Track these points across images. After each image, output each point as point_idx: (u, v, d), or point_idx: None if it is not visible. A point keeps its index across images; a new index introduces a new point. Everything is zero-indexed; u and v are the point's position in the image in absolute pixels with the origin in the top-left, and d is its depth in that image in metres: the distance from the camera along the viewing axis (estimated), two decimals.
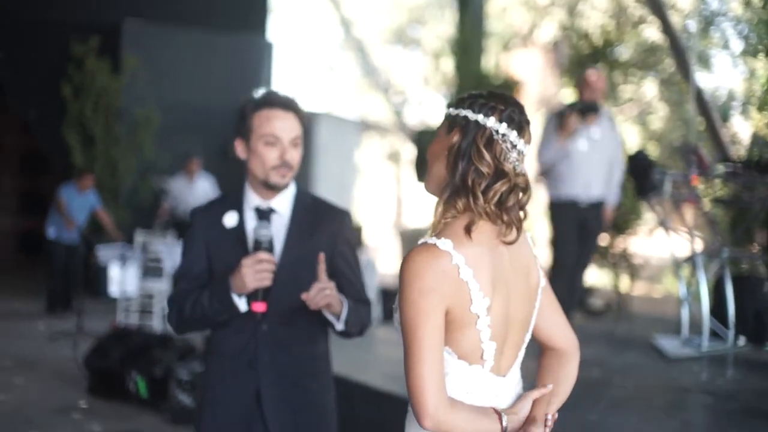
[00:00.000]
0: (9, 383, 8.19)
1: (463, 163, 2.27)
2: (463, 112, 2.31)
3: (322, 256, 3.11)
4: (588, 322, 9.57)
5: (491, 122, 2.28)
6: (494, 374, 2.33)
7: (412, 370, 2.16)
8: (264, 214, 3.31)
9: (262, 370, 3.24)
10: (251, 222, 3.30)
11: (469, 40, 13.18)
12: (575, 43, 11.95)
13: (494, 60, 13.59)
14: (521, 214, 2.33)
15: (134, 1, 14.10)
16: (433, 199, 2.37)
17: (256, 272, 3.09)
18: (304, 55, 28.55)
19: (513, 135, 2.28)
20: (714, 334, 7.57)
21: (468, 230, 2.24)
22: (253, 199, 3.33)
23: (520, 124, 2.30)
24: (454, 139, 2.30)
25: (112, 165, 13.33)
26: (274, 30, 25.74)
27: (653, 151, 13.72)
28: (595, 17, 12.98)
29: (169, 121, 13.41)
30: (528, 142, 2.33)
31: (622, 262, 11.23)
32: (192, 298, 3.23)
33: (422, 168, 9.35)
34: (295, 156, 3.29)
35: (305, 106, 3.41)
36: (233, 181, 3.46)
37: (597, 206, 7.77)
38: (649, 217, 11.34)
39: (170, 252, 9.65)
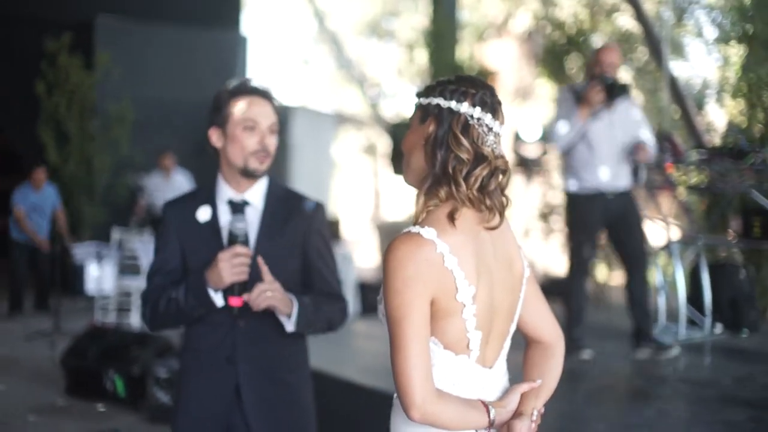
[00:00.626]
0: None
1: (442, 151, 2.25)
2: (435, 100, 2.29)
3: (260, 260, 3.10)
4: (563, 313, 9.54)
5: (465, 107, 2.26)
6: (480, 365, 2.30)
7: (399, 360, 2.15)
8: (238, 207, 3.27)
9: (242, 365, 3.22)
10: (225, 215, 3.27)
11: (442, 31, 13.19)
12: (550, 32, 11.96)
13: (469, 50, 13.58)
14: (503, 198, 2.31)
15: None
16: (412, 191, 2.36)
17: (232, 266, 3.07)
18: (278, 48, 28.43)
19: (488, 118, 2.27)
20: (691, 322, 7.60)
21: (451, 218, 2.22)
22: (226, 192, 3.30)
23: (494, 106, 2.29)
24: (430, 129, 2.28)
25: (87, 162, 13.26)
26: (248, 24, 25.68)
27: None
28: (569, 6, 12.97)
29: (143, 117, 13.34)
30: (502, 123, 2.32)
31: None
32: (167, 295, 3.20)
33: (398, 160, 9.13)
34: (272, 142, 3.27)
35: (280, 98, 3.40)
36: (209, 177, 3.43)
37: (625, 195, 6.88)
38: None
39: (147, 249, 9.60)
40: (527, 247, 12.20)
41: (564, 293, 7.11)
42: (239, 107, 3.22)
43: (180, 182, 12.49)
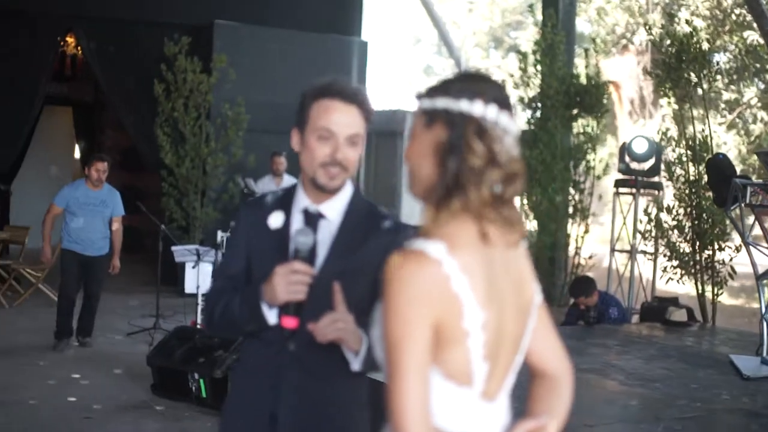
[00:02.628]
0: (80, 378, 8.31)
1: (454, 159, 2.01)
2: (442, 103, 2.05)
3: (337, 287, 2.76)
4: (666, 334, 9.27)
5: (478, 109, 2.02)
6: (483, 399, 2.08)
7: (394, 389, 1.93)
8: (311, 219, 2.95)
9: (284, 393, 2.91)
10: (297, 225, 2.95)
11: (554, 43, 12.96)
12: (673, 47, 11.61)
13: (587, 63, 13.29)
14: (517, 212, 2.09)
15: (226, 1, 14.24)
16: (420, 203, 2.14)
17: (288, 283, 2.76)
18: (399, 56, 28.50)
19: (503, 117, 2.04)
20: None
21: (463, 233, 2.01)
22: (303, 201, 2.96)
23: (507, 103, 2.07)
24: (439, 135, 2.04)
25: (201, 163, 13.47)
26: (369, 30, 25.80)
27: (750, 159, 13.27)
28: (693, 21, 12.59)
29: (258, 121, 13.47)
30: (515, 120, 2.08)
31: (706, 273, 10.83)
32: (224, 300, 2.96)
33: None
34: (349, 155, 2.88)
35: (371, 101, 3.01)
36: None
37: None
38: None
39: None
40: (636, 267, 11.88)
41: None
42: (318, 112, 2.89)
43: None
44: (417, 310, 1.93)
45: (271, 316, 2.85)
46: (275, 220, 2.97)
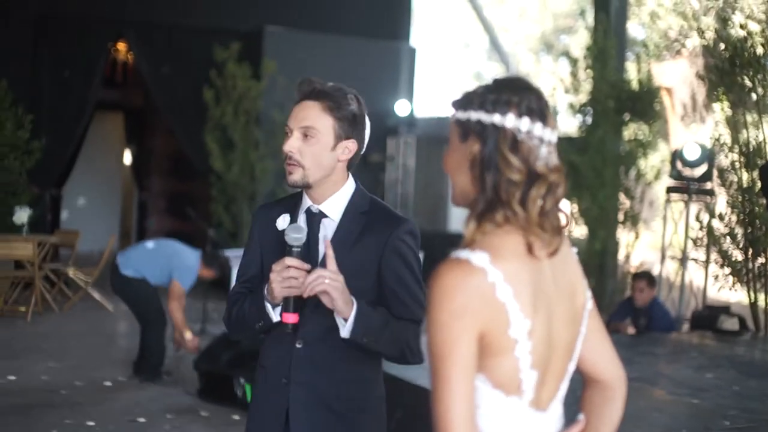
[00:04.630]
0: (128, 381, 8.36)
1: (491, 174, 1.98)
2: (475, 115, 2.02)
3: (327, 242, 2.85)
4: (717, 343, 9.11)
5: (510, 121, 1.98)
6: (534, 408, 2.03)
7: (440, 401, 1.89)
8: (314, 218, 3.02)
9: (293, 389, 2.96)
10: (303, 224, 3.01)
11: (605, 48, 12.84)
12: (726, 51, 11.45)
13: (639, 67, 13.17)
14: (560, 216, 2.05)
15: (275, 7, 14.29)
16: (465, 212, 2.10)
17: (283, 279, 2.81)
18: (449, 62, 28.45)
19: (538, 127, 1.99)
20: None
21: (508, 244, 1.98)
22: (306, 202, 3.06)
23: (542, 112, 2.00)
24: (474, 149, 2.01)
25: (250, 169, 13.51)
26: (419, 37, 25.80)
27: None
28: (748, 24, 12.40)
29: None
30: (554, 128, 2.04)
31: (759, 281, 10.64)
32: (239, 304, 3.04)
33: None
34: (295, 145, 2.93)
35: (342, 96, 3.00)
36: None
37: None
38: None
39: None
40: (688, 273, 11.72)
41: None
42: None
43: None
44: (461, 321, 1.89)
45: (274, 314, 2.91)
46: (282, 221, 3.04)
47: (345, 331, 2.83)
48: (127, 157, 18.96)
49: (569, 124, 14.05)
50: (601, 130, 12.83)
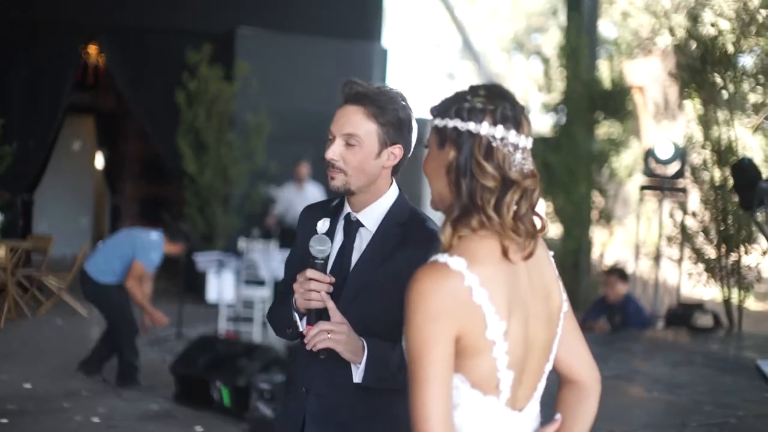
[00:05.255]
0: (103, 387, 8.29)
1: (466, 180, 2.05)
2: (451, 123, 2.08)
3: (326, 296, 2.75)
4: (692, 340, 9.16)
5: (485, 128, 2.04)
6: (510, 407, 2.08)
7: (417, 402, 1.93)
8: (351, 226, 2.93)
9: (311, 399, 2.90)
10: (339, 233, 2.94)
11: (576, 47, 12.89)
12: (698, 49, 11.51)
13: (611, 66, 13.23)
14: (534, 220, 2.10)
15: (248, 9, 14.21)
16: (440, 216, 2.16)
17: (304, 291, 2.75)
18: (422, 62, 28.48)
19: (512, 134, 2.05)
20: None
21: (483, 248, 2.02)
22: (347, 208, 2.96)
23: (517, 119, 2.07)
24: (450, 156, 2.08)
25: (223, 172, 13.44)
26: (391, 37, 25.83)
27: None
28: (719, 22, 12.47)
29: (280, 128, 13.44)
30: (528, 134, 2.09)
31: (732, 277, 10.70)
32: (280, 302, 3.00)
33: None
34: (337, 152, 2.83)
35: (388, 101, 2.87)
36: None
37: None
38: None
39: (267, 259, 9.62)
40: (662, 271, 11.78)
41: None
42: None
43: (313, 194, 12.54)
44: (438, 325, 1.94)
45: (301, 323, 2.84)
46: (322, 225, 2.95)
47: (357, 376, 2.78)
48: (100, 161, 18.83)
49: (542, 124, 14.07)
50: (574, 129, 12.87)
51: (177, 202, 14.33)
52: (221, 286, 9.73)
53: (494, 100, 2.07)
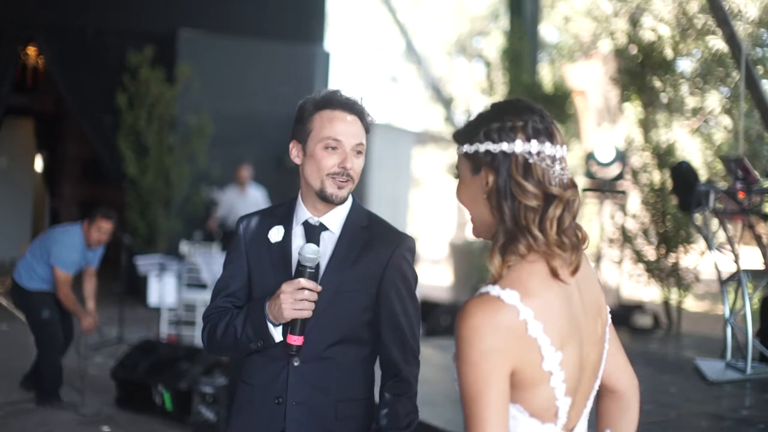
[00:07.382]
0: None
1: (508, 203, 1.97)
2: (483, 147, 2.00)
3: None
4: (631, 340, 9.27)
5: (519, 146, 1.97)
6: (565, 431, 2.03)
7: None
8: (313, 231, 2.93)
9: (290, 409, 2.88)
10: (298, 239, 2.93)
11: (518, 51, 13.00)
12: (638, 53, 11.65)
13: (552, 70, 13.38)
14: (578, 230, 2.04)
15: (190, 11, 14.11)
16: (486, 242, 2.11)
17: (295, 301, 2.74)
18: (365, 65, 28.51)
19: (548, 147, 1.99)
20: (761, 358, 7.22)
21: (535, 276, 1.96)
22: (303, 213, 2.96)
23: (549, 130, 2.00)
24: (488, 180, 2.00)
25: (165, 174, 13.32)
26: (334, 40, 25.82)
27: (716, 166, 13.31)
28: (658, 27, 12.63)
29: (222, 130, 13.39)
30: (562, 143, 2.02)
31: (671, 278, 10.84)
32: (225, 320, 2.91)
33: None
34: (356, 165, 2.89)
35: (372, 114, 3.03)
36: (287, 193, 3.14)
37: None
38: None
39: (209, 263, 9.54)
40: (601, 273, 11.89)
41: None
42: (323, 122, 2.88)
43: (255, 197, 12.48)
44: (494, 360, 1.87)
45: (277, 334, 2.83)
46: (275, 234, 2.95)
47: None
48: (39, 164, 18.58)
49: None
50: None
51: (118, 205, 14.17)
52: (163, 290, 9.63)
53: (522, 115, 2.01)
